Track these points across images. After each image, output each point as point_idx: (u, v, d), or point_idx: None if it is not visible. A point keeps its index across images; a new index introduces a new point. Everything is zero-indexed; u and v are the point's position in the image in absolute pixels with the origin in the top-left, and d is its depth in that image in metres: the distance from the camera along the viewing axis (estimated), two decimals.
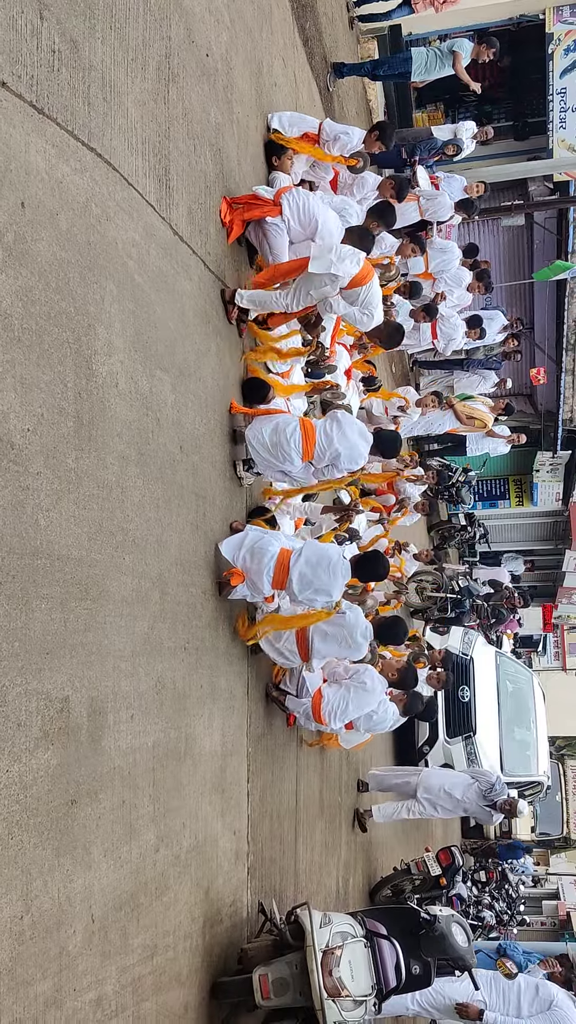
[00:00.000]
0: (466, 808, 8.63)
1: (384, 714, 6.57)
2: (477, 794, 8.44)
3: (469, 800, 8.48)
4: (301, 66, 8.23)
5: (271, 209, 5.68)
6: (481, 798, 8.43)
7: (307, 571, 5.12)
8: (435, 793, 8.55)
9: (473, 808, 8.55)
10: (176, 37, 4.62)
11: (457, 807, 8.68)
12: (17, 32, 3.00)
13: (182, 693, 4.28)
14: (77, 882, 3.14)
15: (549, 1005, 6.84)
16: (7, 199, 2.88)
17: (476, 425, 11.57)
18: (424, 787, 8.58)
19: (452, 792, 8.53)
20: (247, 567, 5.00)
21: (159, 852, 3.91)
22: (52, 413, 3.09)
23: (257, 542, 5.08)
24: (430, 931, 4.83)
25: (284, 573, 5.08)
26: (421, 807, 8.59)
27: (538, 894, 22.39)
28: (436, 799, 8.55)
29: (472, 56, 9.77)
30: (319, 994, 4.29)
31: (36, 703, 2.91)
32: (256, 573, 5.00)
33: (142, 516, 3.85)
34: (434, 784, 8.62)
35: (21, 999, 2.76)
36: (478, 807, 8.51)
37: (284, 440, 5.28)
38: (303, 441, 5.33)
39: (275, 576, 5.07)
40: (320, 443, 5.38)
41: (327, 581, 5.15)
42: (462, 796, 8.49)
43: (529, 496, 19.62)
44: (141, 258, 3.99)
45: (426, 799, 8.55)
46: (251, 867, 5.30)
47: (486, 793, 8.41)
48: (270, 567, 5.04)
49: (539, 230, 15.71)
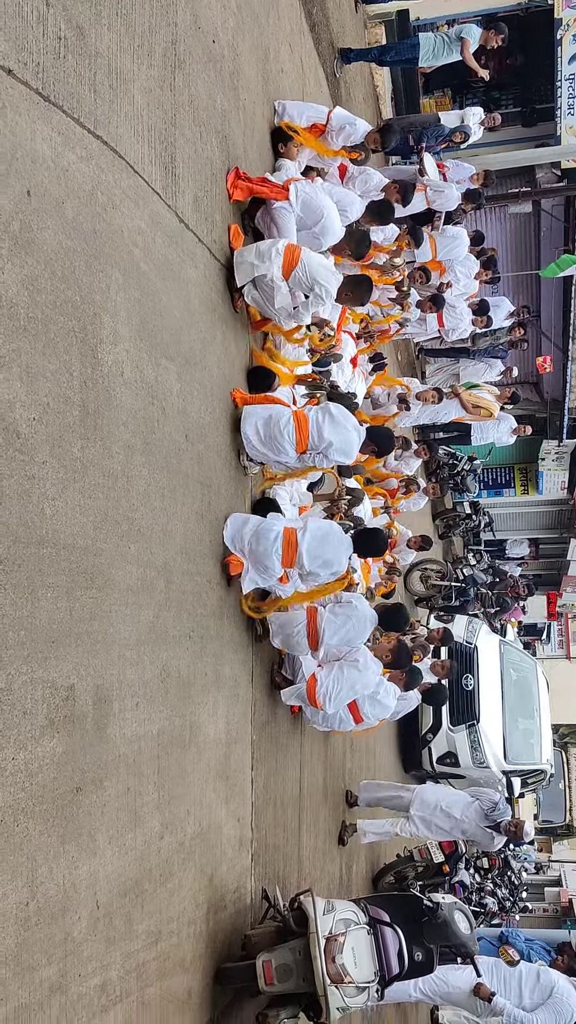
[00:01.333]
0: (464, 829, 7.88)
1: (386, 695, 6.56)
2: (478, 814, 7.82)
3: (468, 820, 7.81)
4: (308, 52, 8.18)
5: (279, 193, 5.66)
6: (482, 818, 7.78)
7: (315, 545, 5.26)
8: (430, 810, 7.89)
9: (472, 829, 7.84)
10: (182, 23, 4.59)
11: (455, 828, 7.92)
12: (23, 19, 2.99)
13: (187, 681, 4.30)
14: (82, 869, 3.16)
15: (550, 992, 6.88)
16: (13, 187, 2.87)
17: (482, 414, 11.54)
18: (418, 803, 7.94)
19: (450, 811, 7.87)
20: (253, 550, 5.04)
21: (164, 839, 3.93)
22: (58, 402, 3.09)
23: (260, 524, 5.12)
24: (433, 918, 4.86)
25: (293, 549, 5.18)
26: (413, 826, 7.95)
27: (540, 881, 22.46)
28: (431, 817, 7.91)
29: (480, 42, 9.70)
30: (322, 980, 4.32)
31: (42, 691, 2.92)
32: (264, 555, 5.05)
33: (147, 505, 3.86)
34: (429, 800, 7.97)
35: (27, 984, 2.79)
36: (478, 828, 7.82)
37: (278, 432, 5.31)
38: (296, 432, 5.36)
39: (284, 554, 5.15)
40: (312, 434, 5.41)
41: (335, 553, 5.33)
42: (461, 815, 7.83)
43: (534, 484, 19.61)
44: (147, 246, 3.98)
45: (419, 817, 7.90)
46: (255, 854, 5.33)
47: (488, 812, 7.78)
48: (277, 547, 5.11)
49: (546, 217, 15.62)
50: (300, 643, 5.65)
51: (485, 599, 16.32)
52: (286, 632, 5.63)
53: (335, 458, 5.63)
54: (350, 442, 5.62)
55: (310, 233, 5.94)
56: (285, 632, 5.64)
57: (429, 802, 7.89)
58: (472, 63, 9.81)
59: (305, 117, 6.79)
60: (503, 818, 7.77)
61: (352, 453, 5.76)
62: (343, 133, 7.00)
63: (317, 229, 5.95)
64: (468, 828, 7.76)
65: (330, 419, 5.47)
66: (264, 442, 5.33)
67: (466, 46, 9.56)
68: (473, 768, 11.93)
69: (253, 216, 5.67)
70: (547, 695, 14.21)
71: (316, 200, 5.86)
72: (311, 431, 5.40)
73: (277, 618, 5.67)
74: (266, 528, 5.11)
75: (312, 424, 5.43)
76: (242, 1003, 4.73)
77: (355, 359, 7.92)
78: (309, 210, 5.85)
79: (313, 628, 5.62)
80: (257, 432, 5.31)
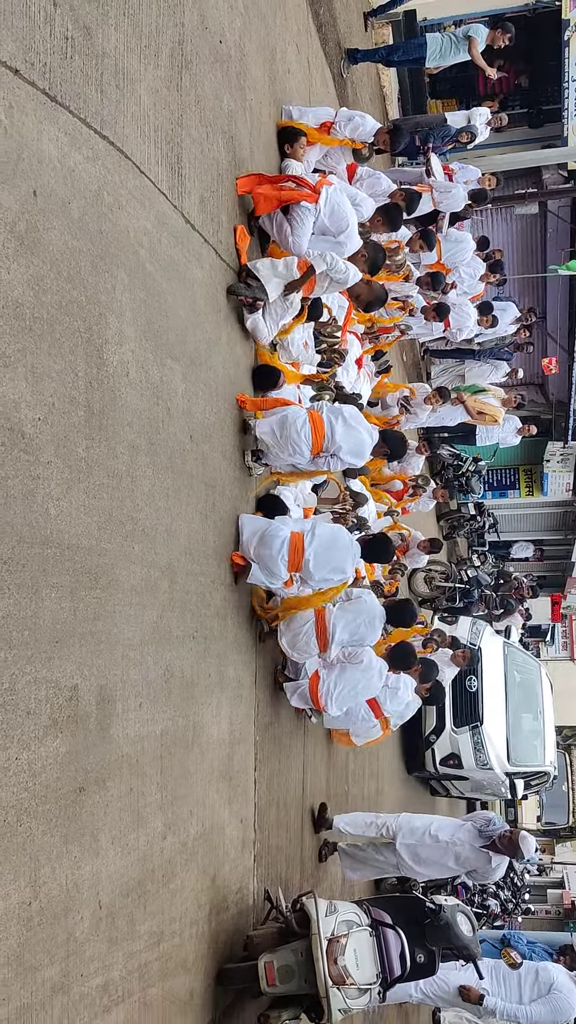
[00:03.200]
0: (458, 854, 6.74)
1: (405, 689, 6.52)
2: (470, 834, 6.76)
3: (461, 842, 6.72)
4: (315, 52, 8.18)
5: (310, 196, 5.66)
6: (476, 837, 6.71)
7: (321, 551, 5.23)
8: (418, 837, 6.83)
9: (467, 852, 6.71)
10: (189, 23, 4.59)
11: (446, 853, 6.78)
12: (30, 19, 2.99)
13: (190, 682, 4.30)
14: (85, 869, 3.16)
15: (549, 988, 6.88)
16: (19, 188, 2.87)
17: (487, 420, 11.53)
18: (405, 831, 6.91)
19: (438, 835, 6.83)
20: (258, 554, 5.03)
21: (166, 839, 3.93)
22: (63, 402, 3.09)
23: (267, 529, 5.11)
24: (435, 920, 4.85)
25: (299, 555, 5.16)
26: (400, 859, 6.92)
27: (543, 883, 22.47)
28: (419, 844, 6.83)
29: (487, 42, 9.69)
30: (324, 982, 4.31)
31: (45, 691, 2.92)
32: (270, 559, 5.04)
33: (152, 505, 3.86)
34: (418, 826, 6.93)
35: (29, 984, 2.79)
36: (472, 850, 6.70)
37: (295, 433, 5.30)
38: (313, 434, 5.36)
39: (290, 559, 5.14)
40: (326, 435, 5.40)
41: (341, 559, 5.31)
42: (451, 838, 6.77)
43: (539, 486, 19.60)
44: (153, 247, 3.98)
45: (407, 845, 6.84)
46: (257, 855, 5.33)
47: (483, 829, 6.75)
48: (283, 552, 5.09)
49: (553, 219, 15.62)
50: (308, 643, 5.63)
51: (489, 601, 16.30)
52: (293, 631, 5.62)
53: (347, 460, 5.62)
54: (362, 444, 5.61)
55: (333, 241, 5.92)
56: (292, 631, 5.62)
57: (418, 827, 6.92)
58: (480, 61, 9.79)
59: (312, 116, 6.79)
60: (497, 831, 6.79)
61: (364, 455, 5.75)
62: (351, 124, 7.01)
63: (342, 237, 5.94)
64: (462, 852, 6.72)
65: (343, 421, 5.46)
66: (280, 443, 5.33)
67: (474, 45, 9.55)
68: (476, 770, 11.92)
69: (259, 216, 5.66)
70: (551, 697, 14.21)
71: (343, 208, 5.86)
72: (326, 432, 5.41)
73: (290, 628, 5.65)
74: (272, 534, 5.10)
75: (326, 426, 5.44)
76: (244, 1004, 4.73)
77: (360, 360, 7.92)
78: (336, 218, 5.84)
79: (322, 626, 5.60)
80: (273, 433, 5.32)
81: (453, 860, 6.76)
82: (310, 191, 5.65)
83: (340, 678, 5.91)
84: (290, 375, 5.92)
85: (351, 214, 5.98)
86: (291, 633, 5.62)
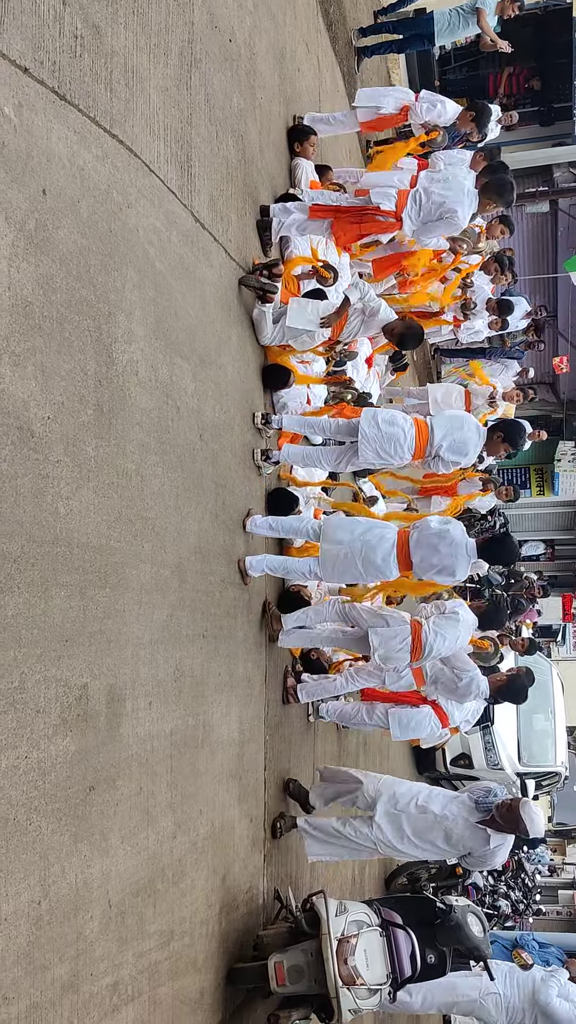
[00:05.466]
0: (448, 830, 5.39)
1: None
2: (466, 807, 5.45)
3: (453, 817, 5.40)
4: (325, 51, 8.17)
5: (392, 226, 5.69)
6: (472, 811, 5.41)
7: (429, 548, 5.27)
8: (403, 805, 5.49)
9: (460, 830, 5.38)
10: (199, 22, 4.59)
11: (434, 828, 5.43)
12: (40, 17, 2.99)
13: (200, 681, 4.29)
14: (95, 868, 3.16)
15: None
16: (29, 186, 2.87)
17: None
18: (387, 797, 5.55)
19: (427, 805, 5.46)
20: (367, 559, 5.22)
21: (176, 839, 3.93)
22: (72, 401, 3.09)
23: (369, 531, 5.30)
24: (446, 921, 4.83)
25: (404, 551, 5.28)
26: (378, 830, 5.48)
27: (554, 883, 22.37)
28: (403, 814, 5.47)
29: (496, 12, 9.57)
30: (334, 982, 4.30)
31: (55, 690, 2.92)
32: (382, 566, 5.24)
33: (161, 504, 3.85)
34: (403, 793, 5.57)
35: (39, 983, 2.79)
36: (467, 827, 5.37)
37: (400, 433, 5.45)
38: (416, 439, 5.50)
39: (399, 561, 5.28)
40: (430, 439, 5.58)
41: (452, 558, 5.28)
42: (442, 811, 5.44)
43: (550, 486, 19.53)
44: (162, 245, 3.98)
45: (388, 817, 5.49)
46: (267, 854, 5.32)
47: (480, 800, 5.43)
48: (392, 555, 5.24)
49: (564, 217, 15.57)
50: (402, 657, 5.57)
51: (500, 600, 16.25)
52: (388, 647, 5.53)
53: (450, 458, 5.72)
54: (466, 443, 5.73)
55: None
56: (387, 646, 5.53)
57: (401, 795, 5.57)
58: (490, 32, 9.64)
59: (392, 99, 6.78)
60: (496, 801, 5.43)
61: (469, 452, 5.82)
62: (435, 110, 6.98)
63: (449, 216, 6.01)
64: (454, 828, 5.40)
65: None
66: (382, 440, 5.45)
67: (482, 16, 9.41)
68: (487, 770, 11.89)
69: (269, 226, 5.64)
70: (562, 697, 14.16)
71: (443, 194, 5.95)
72: (429, 436, 5.57)
73: (378, 633, 5.57)
74: (378, 537, 5.24)
75: (430, 429, 5.58)
76: (254, 1004, 4.72)
77: (371, 359, 7.90)
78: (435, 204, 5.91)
79: (418, 643, 5.51)
80: (378, 428, 5.43)
81: (443, 838, 5.43)
82: (392, 219, 5.67)
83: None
84: (299, 375, 5.92)
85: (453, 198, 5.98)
86: (385, 648, 5.53)
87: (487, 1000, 6.57)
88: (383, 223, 5.66)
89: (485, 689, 5.89)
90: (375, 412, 5.64)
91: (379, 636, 5.54)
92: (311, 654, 6.24)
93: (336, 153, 8.26)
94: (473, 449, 5.83)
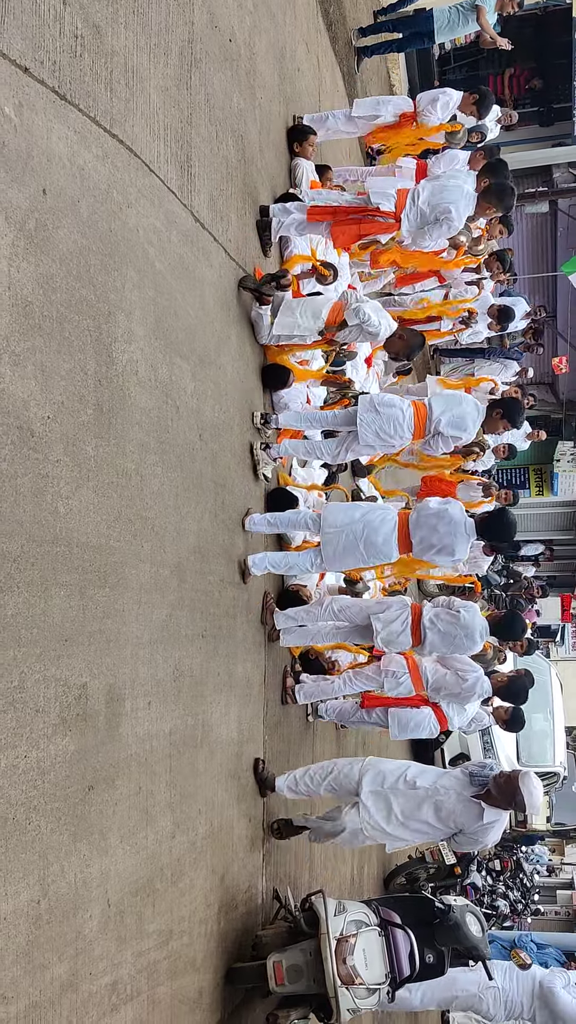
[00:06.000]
0: (439, 804, 5.07)
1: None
2: (459, 781, 5.14)
3: (445, 790, 5.09)
4: (324, 51, 8.17)
5: (391, 226, 5.69)
6: (466, 785, 5.10)
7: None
8: (391, 783, 5.15)
9: (451, 803, 5.05)
10: (199, 22, 4.59)
11: (423, 805, 5.08)
12: (40, 17, 2.99)
13: (199, 680, 4.30)
14: (94, 867, 3.16)
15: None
16: (29, 186, 2.87)
17: None
18: (372, 774, 5.19)
19: (416, 781, 5.13)
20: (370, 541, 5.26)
21: (175, 838, 3.93)
22: (72, 401, 3.09)
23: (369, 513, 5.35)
24: (444, 920, 4.83)
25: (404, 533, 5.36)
26: (365, 811, 5.11)
27: (553, 883, 22.36)
28: (391, 792, 5.13)
29: (496, 9, 9.57)
30: (333, 981, 4.30)
31: (54, 690, 2.92)
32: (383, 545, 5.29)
33: (161, 504, 3.86)
34: (389, 770, 5.22)
35: (38, 982, 2.79)
36: (459, 800, 5.05)
37: (399, 414, 5.49)
38: (416, 420, 5.54)
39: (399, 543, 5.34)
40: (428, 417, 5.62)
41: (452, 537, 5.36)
42: (433, 784, 5.11)
43: (549, 486, 19.52)
44: (162, 245, 3.98)
45: (373, 796, 5.12)
46: (266, 854, 5.32)
47: (475, 773, 5.14)
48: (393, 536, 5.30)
49: (563, 217, 15.57)
50: (403, 641, 5.64)
51: (499, 601, 16.27)
52: (390, 629, 5.63)
53: (450, 433, 5.75)
54: (463, 417, 5.77)
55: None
56: (389, 629, 5.63)
57: (387, 772, 5.19)
58: (489, 29, 9.63)
59: (391, 107, 6.78)
60: (491, 774, 5.11)
61: (468, 427, 5.85)
62: (440, 103, 6.96)
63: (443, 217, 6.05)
64: (445, 802, 5.05)
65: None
66: (380, 422, 5.49)
67: (482, 13, 9.40)
68: None
69: (268, 225, 5.65)
70: (560, 697, 14.17)
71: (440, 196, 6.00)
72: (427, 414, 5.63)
73: (380, 618, 5.66)
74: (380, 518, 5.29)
75: (427, 407, 5.63)
76: (253, 1003, 4.72)
77: (370, 358, 7.90)
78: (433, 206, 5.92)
79: (417, 626, 5.60)
80: (376, 411, 5.47)
81: (433, 814, 5.05)
82: (392, 220, 5.67)
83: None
84: (300, 374, 5.92)
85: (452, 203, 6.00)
86: (386, 631, 5.61)
87: (486, 994, 6.61)
88: (382, 224, 5.66)
89: (488, 689, 5.92)
90: (371, 397, 5.68)
91: (380, 620, 5.63)
92: (309, 654, 6.24)
93: (336, 153, 8.26)
94: (472, 424, 5.84)
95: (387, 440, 5.56)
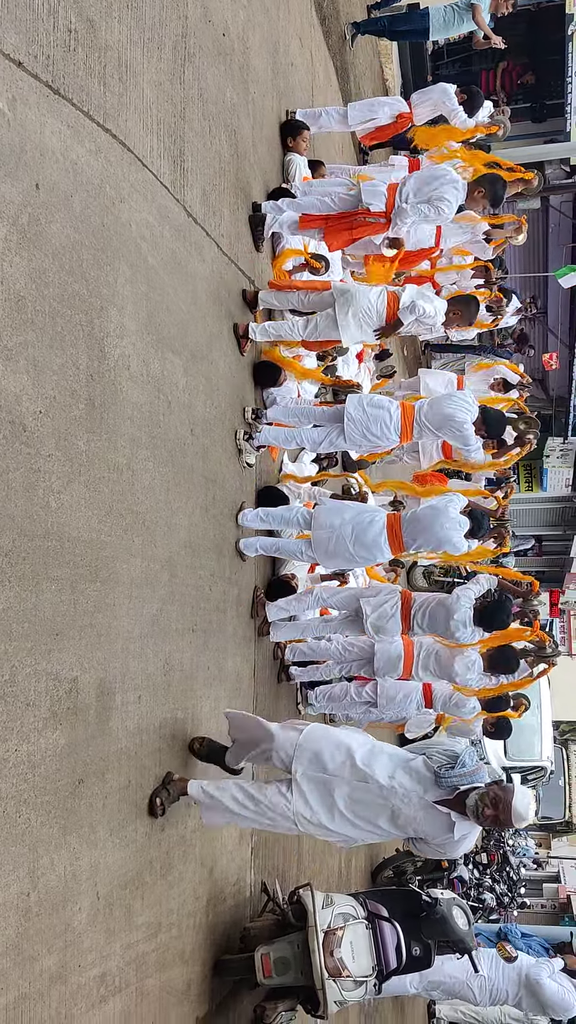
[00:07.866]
0: (395, 808, 3.97)
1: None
2: (422, 779, 3.99)
3: (404, 791, 3.96)
4: (318, 45, 8.16)
5: (382, 227, 5.67)
6: (430, 786, 3.97)
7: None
8: (334, 768, 3.98)
9: (411, 810, 3.97)
10: (193, 16, 4.58)
11: (374, 805, 4.00)
12: (34, 11, 2.99)
13: (189, 675, 4.31)
14: (83, 860, 3.18)
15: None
16: (22, 180, 2.87)
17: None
18: (310, 758, 4.00)
19: (370, 770, 3.96)
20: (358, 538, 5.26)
21: (164, 831, 3.95)
22: (64, 395, 3.10)
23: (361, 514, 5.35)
24: (431, 914, 4.86)
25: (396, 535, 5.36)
26: (299, 797, 3.97)
27: (539, 877, 22.48)
28: (335, 779, 3.97)
29: (491, 9, 9.57)
30: (320, 974, 4.33)
31: (45, 683, 2.93)
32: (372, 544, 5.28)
33: (152, 499, 3.86)
34: (330, 750, 4.03)
35: (27, 974, 2.80)
36: (421, 807, 3.97)
37: (386, 415, 5.47)
38: (402, 420, 5.51)
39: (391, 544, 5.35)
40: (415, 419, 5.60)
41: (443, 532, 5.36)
42: (388, 781, 3.96)
43: (538, 481, 19.55)
44: (155, 240, 3.98)
45: (311, 782, 3.98)
46: (255, 847, 5.34)
47: (442, 774, 3.95)
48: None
49: (555, 214, 15.58)
50: (392, 627, 5.69)
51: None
52: (380, 612, 5.68)
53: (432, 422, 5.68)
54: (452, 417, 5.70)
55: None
56: (379, 612, 5.68)
57: (329, 754, 4.02)
58: (485, 28, 9.63)
59: (387, 109, 6.76)
60: (471, 784, 3.95)
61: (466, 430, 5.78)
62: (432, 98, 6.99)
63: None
64: (403, 808, 3.97)
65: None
66: (367, 422, 5.47)
67: (477, 12, 9.40)
68: None
69: (261, 220, 5.64)
70: (548, 692, 14.23)
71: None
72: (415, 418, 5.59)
73: (370, 602, 5.72)
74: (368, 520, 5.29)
75: (417, 411, 5.59)
76: (240, 995, 4.75)
77: (361, 354, 7.91)
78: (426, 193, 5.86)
79: (407, 611, 5.66)
80: (363, 410, 5.46)
81: (387, 818, 4.02)
82: (383, 221, 5.66)
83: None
84: (301, 373, 5.93)
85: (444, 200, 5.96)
86: (375, 615, 5.65)
87: (472, 982, 6.72)
88: (374, 225, 5.65)
89: (480, 666, 5.89)
90: (361, 396, 5.68)
91: (370, 604, 5.69)
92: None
93: (328, 148, 8.25)
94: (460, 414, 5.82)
95: (373, 440, 5.57)
